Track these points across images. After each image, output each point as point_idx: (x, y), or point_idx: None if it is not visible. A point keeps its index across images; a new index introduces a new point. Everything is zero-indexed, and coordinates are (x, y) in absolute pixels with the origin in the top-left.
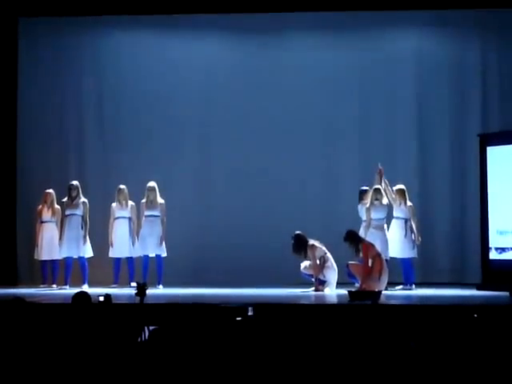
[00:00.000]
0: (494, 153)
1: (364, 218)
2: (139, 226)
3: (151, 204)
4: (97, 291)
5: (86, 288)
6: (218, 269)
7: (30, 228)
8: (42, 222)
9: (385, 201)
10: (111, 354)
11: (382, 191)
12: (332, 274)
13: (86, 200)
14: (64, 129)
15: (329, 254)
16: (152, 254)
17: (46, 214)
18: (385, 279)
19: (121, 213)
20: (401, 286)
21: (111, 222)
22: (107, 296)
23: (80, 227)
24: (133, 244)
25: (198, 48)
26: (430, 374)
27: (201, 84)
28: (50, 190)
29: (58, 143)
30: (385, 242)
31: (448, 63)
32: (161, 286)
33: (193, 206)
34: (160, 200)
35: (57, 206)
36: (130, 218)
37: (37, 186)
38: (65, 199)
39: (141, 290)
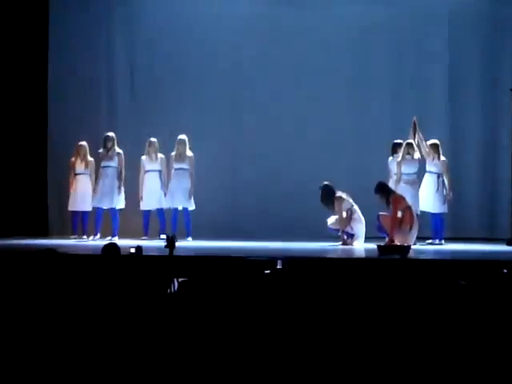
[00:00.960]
0: None
1: (395, 171)
2: (169, 178)
3: (180, 157)
4: (127, 243)
5: (116, 240)
6: (247, 222)
7: (60, 180)
8: (76, 174)
9: (417, 155)
10: (141, 305)
11: (415, 145)
12: (360, 227)
13: (121, 151)
14: (95, 82)
15: (356, 207)
16: (180, 207)
17: (80, 166)
18: (414, 233)
19: (151, 166)
20: (430, 241)
21: (141, 175)
22: (138, 248)
23: (115, 178)
24: (165, 196)
25: (229, 7)
26: (460, 329)
27: (231, 39)
28: (83, 142)
29: (88, 97)
30: (415, 196)
31: (480, 17)
32: (190, 239)
33: (222, 160)
34: (189, 153)
35: (90, 158)
36: (160, 171)
37: (68, 138)
38: (100, 150)
39: (170, 242)
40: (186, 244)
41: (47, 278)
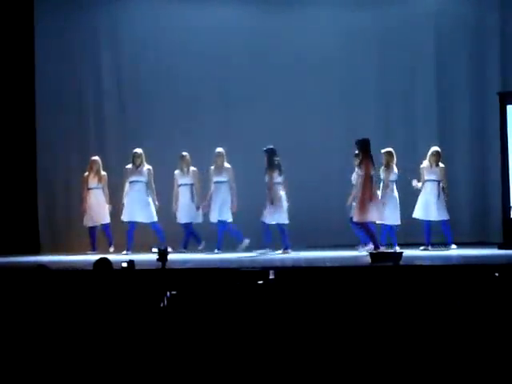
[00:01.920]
0: None
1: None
2: (202, 191)
3: (218, 170)
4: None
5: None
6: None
7: (50, 196)
8: (89, 189)
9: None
10: (133, 320)
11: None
12: None
13: (150, 167)
14: (82, 95)
15: None
16: (215, 220)
17: (93, 181)
18: (374, 210)
19: (183, 180)
20: (443, 247)
21: (175, 190)
22: (130, 262)
23: (144, 193)
24: (196, 209)
25: (214, 10)
26: (453, 331)
27: (218, 46)
28: (96, 158)
29: (76, 109)
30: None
31: (467, 22)
32: (245, 244)
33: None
34: (227, 165)
35: (103, 173)
36: (192, 185)
37: (57, 151)
38: (128, 166)
39: (162, 255)
40: (178, 257)
41: (39, 294)
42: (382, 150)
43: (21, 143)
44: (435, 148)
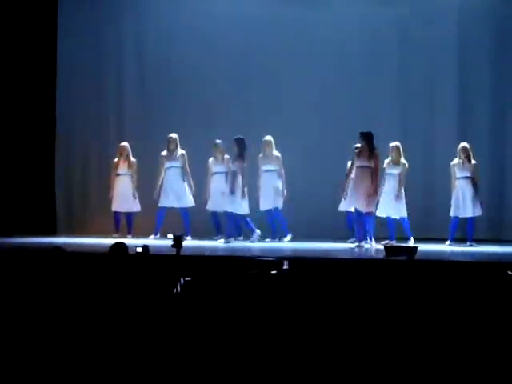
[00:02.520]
0: None
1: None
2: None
3: (267, 158)
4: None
5: (189, 239)
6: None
7: (68, 177)
8: (118, 175)
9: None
10: (147, 305)
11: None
12: None
13: (183, 152)
14: (103, 85)
15: None
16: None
17: (122, 167)
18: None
19: (217, 168)
20: (468, 243)
21: (209, 177)
22: (145, 247)
23: (180, 178)
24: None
25: (238, 3)
26: (465, 330)
27: (238, 38)
28: (125, 143)
29: (96, 99)
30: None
31: (490, 17)
32: (288, 237)
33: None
34: (276, 153)
35: (133, 159)
36: (226, 173)
37: (75, 138)
38: (163, 153)
39: (177, 241)
40: (193, 244)
41: (55, 276)
42: (392, 144)
43: (40, 127)
44: (465, 144)
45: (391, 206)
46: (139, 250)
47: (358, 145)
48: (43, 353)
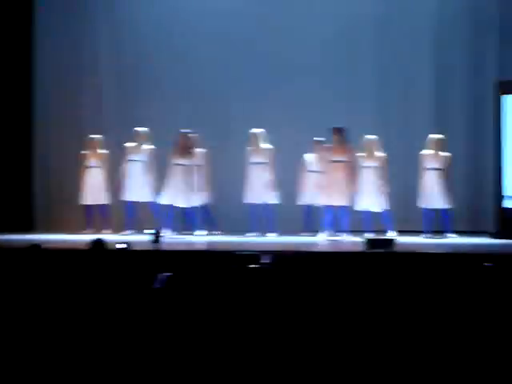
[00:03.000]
0: (509, 100)
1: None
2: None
3: (257, 151)
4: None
5: (168, 234)
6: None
7: (46, 172)
8: (87, 167)
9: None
10: (126, 300)
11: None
12: None
13: (152, 146)
14: (80, 79)
15: None
16: (259, 202)
17: (92, 159)
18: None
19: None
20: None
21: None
22: (127, 244)
23: (145, 173)
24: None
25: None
26: (444, 323)
27: (216, 29)
28: (96, 136)
29: (73, 91)
30: None
31: (466, 10)
32: (274, 234)
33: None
34: (266, 146)
35: (103, 151)
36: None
37: (52, 132)
38: (129, 144)
39: (157, 237)
40: (173, 238)
41: (33, 274)
42: (369, 137)
43: (16, 120)
44: (437, 136)
45: (372, 199)
46: (119, 246)
47: (319, 138)
48: (21, 351)
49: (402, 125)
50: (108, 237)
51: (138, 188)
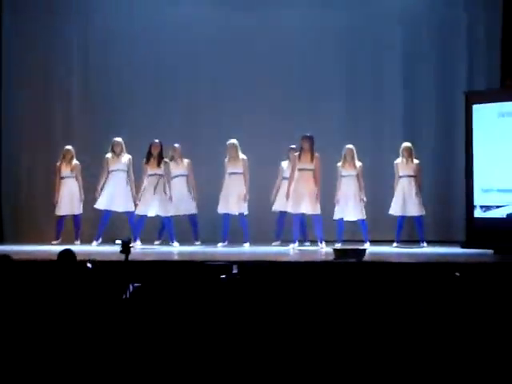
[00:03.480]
0: (479, 110)
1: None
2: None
3: (233, 161)
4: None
5: (138, 244)
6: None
7: (14, 182)
8: (62, 178)
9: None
10: (95, 311)
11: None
12: None
13: (130, 156)
14: (50, 85)
15: None
16: (235, 213)
17: (65, 170)
18: None
19: (176, 171)
20: (421, 244)
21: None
22: (93, 262)
23: (125, 182)
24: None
25: (185, 4)
26: (411, 332)
27: (187, 42)
28: (69, 147)
29: (42, 99)
30: None
31: (434, 21)
32: (247, 245)
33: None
34: (242, 156)
35: (76, 162)
36: (186, 176)
37: (21, 141)
38: (108, 155)
39: (125, 247)
40: (142, 249)
41: (1, 285)
42: (346, 146)
43: None
44: (408, 144)
45: (350, 208)
46: (89, 265)
47: (293, 146)
48: None
49: (371, 135)
50: (78, 247)
51: (116, 198)
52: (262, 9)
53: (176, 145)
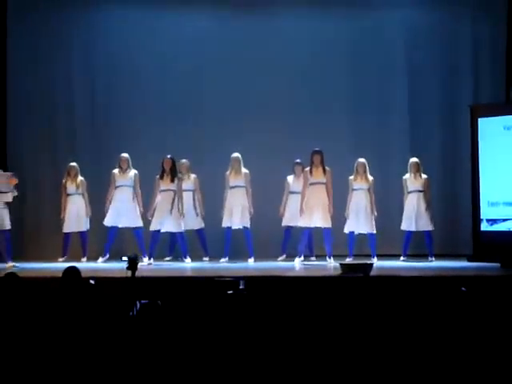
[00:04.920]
0: (484, 124)
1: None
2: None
3: (235, 174)
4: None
5: (146, 261)
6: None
7: (20, 203)
8: (68, 195)
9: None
10: (102, 328)
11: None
12: None
13: (136, 171)
14: (53, 107)
15: None
16: (239, 226)
17: (71, 187)
18: None
19: (184, 186)
20: (429, 258)
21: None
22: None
23: (131, 198)
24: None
25: (187, 21)
26: (420, 344)
27: (191, 57)
28: (73, 163)
29: (47, 115)
30: None
31: (439, 35)
32: (251, 260)
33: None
34: (244, 170)
35: (81, 178)
36: (193, 191)
37: (27, 161)
38: (115, 170)
39: (132, 263)
40: (149, 265)
41: (8, 302)
42: (358, 160)
43: None
44: (416, 159)
45: (360, 221)
46: (92, 282)
47: (298, 160)
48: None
49: (377, 150)
50: (84, 264)
51: (122, 213)
52: (266, 23)
53: (183, 160)
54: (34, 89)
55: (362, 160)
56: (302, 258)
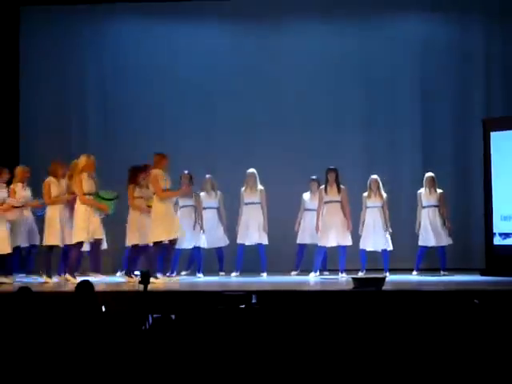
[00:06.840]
0: (497, 138)
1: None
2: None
3: (251, 191)
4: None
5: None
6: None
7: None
8: None
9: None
10: (115, 342)
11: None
12: None
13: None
14: (66, 119)
15: None
16: (255, 242)
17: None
18: None
19: (208, 202)
20: (442, 273)
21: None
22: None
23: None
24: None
25: (200, 34)
26: (432, 359)
27: (204, 70)
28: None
29: (59, 134)
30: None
31: (452, 49)
32: (264, 274)
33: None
34: (260, 186)
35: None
36: (217, 208)
37: (38, 170)
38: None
39: (144, 278)
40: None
41: (22, 316)
42: (371, 177)
43: (3, 145)
44: (431, 174)
45: (376, 238)
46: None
47: (314, 177)
48: None
49: (390, 163)
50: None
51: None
52: (278, 37)
53: (207, 176)
54: (46, 100)
55: (374, 177)
56: (318, 273)
